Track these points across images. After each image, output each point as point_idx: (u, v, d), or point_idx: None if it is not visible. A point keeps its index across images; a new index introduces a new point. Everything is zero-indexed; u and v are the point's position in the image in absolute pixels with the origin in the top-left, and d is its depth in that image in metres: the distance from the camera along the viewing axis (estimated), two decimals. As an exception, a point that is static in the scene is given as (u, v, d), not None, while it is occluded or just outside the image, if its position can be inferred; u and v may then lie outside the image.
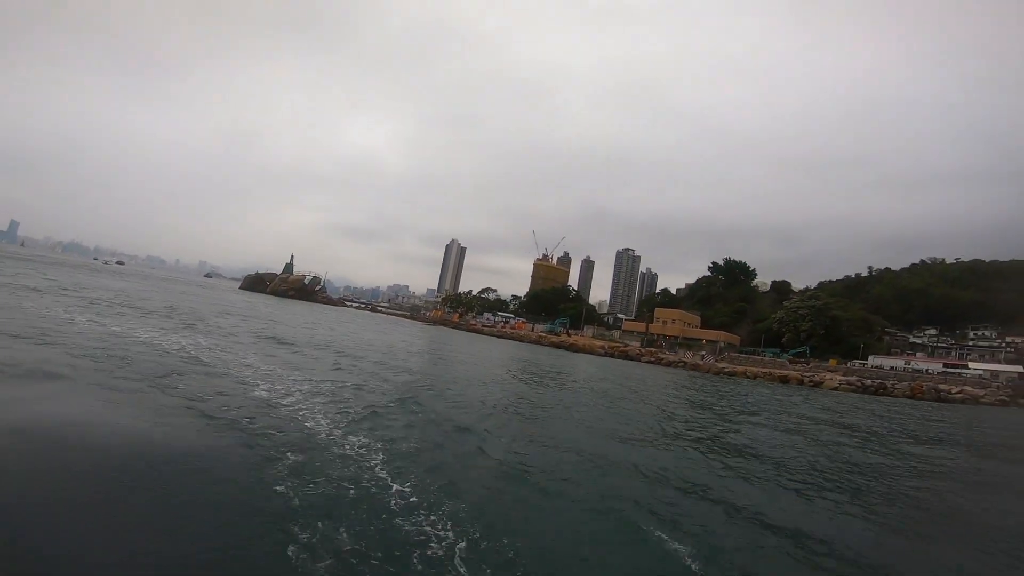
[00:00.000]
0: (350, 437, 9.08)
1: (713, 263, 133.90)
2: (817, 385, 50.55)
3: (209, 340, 19.41)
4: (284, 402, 11.12)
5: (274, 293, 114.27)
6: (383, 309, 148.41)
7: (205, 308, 38.15)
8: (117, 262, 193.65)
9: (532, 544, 5.99)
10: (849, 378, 53.09)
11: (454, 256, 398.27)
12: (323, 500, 6.25)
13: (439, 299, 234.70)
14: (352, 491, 6.65)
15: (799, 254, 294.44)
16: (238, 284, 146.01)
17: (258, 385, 12.50)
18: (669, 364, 62.90)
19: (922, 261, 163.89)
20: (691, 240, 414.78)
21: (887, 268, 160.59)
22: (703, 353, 71.72)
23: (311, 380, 14.41)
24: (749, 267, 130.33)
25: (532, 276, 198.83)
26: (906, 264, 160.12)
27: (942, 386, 49.07)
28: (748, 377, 54.92)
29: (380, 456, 8.25)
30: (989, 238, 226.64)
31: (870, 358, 76.41)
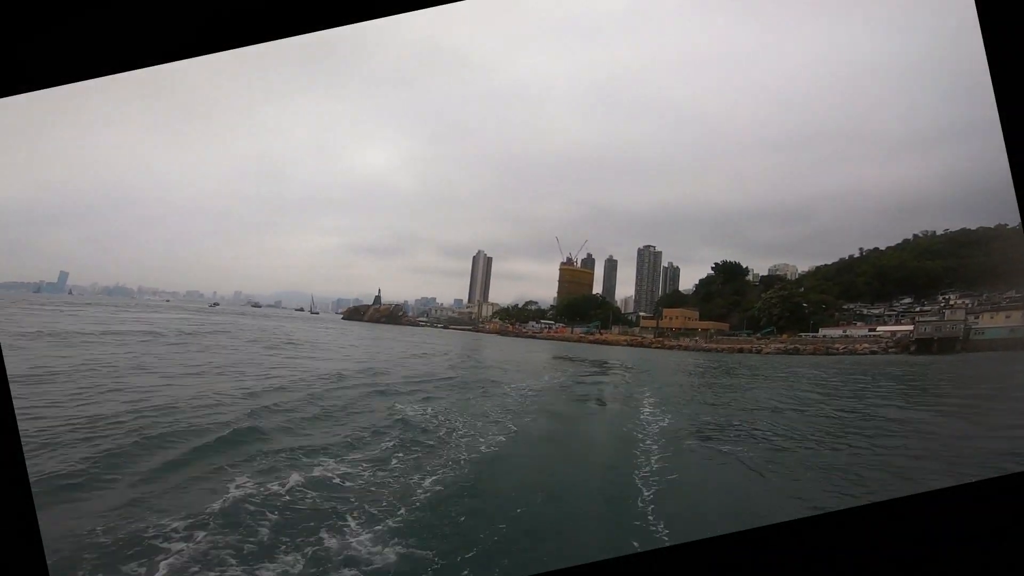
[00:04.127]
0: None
1: (715, 264, 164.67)
2: (759, 351, 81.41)
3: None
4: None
5: (371, 320, 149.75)
6: (454, 327, 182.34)
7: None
8: (213, 304, 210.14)
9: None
10: (779, 345, 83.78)
11: (481, 266, 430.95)
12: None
13: (469, 309, 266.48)
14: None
15: (807, 230, 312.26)
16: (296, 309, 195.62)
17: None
18: (670, 348, 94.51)
19: (914, 236, 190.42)
20: (699, 227, 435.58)
21: (875, 248, 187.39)
22: (696, 338, 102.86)
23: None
24: (743, 266, 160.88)
25: (559, 280, 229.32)
26: (900, 238, 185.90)
27: (834, 345, 79.28)
28: (719, 351, 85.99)
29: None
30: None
31: (820, 330, 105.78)
